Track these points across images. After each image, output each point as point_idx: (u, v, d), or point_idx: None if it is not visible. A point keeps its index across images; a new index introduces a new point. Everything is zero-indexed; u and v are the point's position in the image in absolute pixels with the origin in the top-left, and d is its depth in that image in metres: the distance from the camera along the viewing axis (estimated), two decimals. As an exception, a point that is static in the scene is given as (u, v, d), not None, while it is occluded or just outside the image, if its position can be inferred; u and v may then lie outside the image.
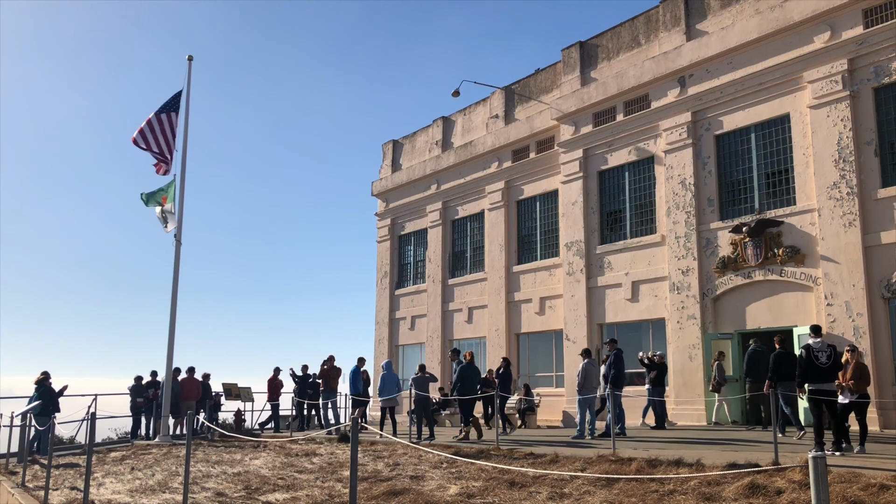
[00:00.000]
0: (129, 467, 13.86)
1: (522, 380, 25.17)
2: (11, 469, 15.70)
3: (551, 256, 25.31)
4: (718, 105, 20.31)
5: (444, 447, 14.04)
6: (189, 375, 21.54)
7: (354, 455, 6.26)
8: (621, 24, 23.63)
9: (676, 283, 20.65)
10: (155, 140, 18.97)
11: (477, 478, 10.48)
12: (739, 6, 20.25)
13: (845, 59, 17.67)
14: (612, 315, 22.57)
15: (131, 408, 21.47)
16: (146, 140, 18.91)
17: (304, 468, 12.55)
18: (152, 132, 18.97)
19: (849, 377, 11.99)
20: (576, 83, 24.55)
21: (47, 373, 18.15)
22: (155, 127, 19.05)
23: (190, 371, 21.62)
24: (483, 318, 27.62)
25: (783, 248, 18.44)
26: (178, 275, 19.41)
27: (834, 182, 17.61)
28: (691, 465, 10.41)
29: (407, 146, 33.20)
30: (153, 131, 18.99)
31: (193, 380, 21.60)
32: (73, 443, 20.67)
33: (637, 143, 22.36)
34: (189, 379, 21.46)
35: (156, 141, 18.98)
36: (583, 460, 11.40)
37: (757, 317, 19.06)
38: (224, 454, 15.08)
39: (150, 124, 18.98)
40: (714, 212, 20.13)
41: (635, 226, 22.39)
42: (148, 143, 18.91)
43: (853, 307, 16.99)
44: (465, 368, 16.89)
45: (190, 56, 20.40)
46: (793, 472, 8.83)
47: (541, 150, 25.98)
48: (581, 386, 16.42)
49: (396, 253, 32.91)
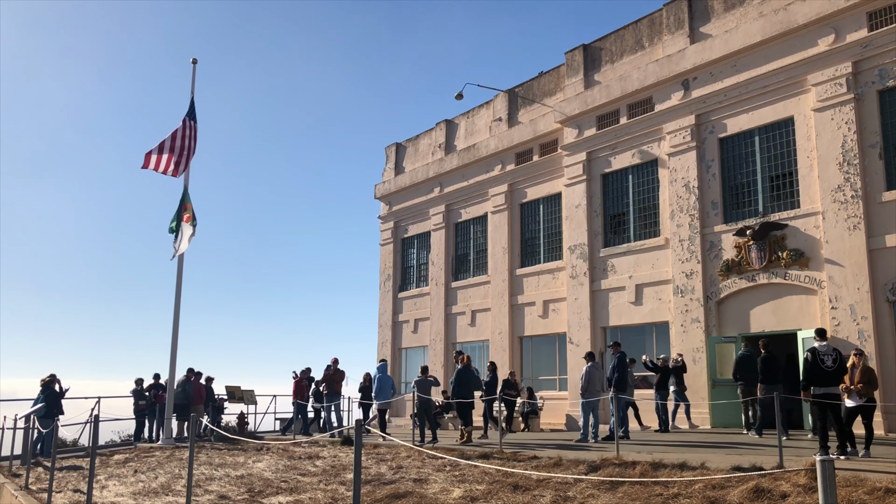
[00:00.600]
0: (133, 470, 13.85)
1: (526, 383, 25.14)
2: (15, 471, 15.72)
3: (555, 259, 25.28)
4: (722, 108, 20.29)
5: (447, 450, 14.02)
6: (195, 379, 21.60)
7: (358, 458, 6.24)
8: (625, 28, 23.62)
9: (680, 286, 20.61)
10: (172, 147, 19.00)
11: (480, 481, 10.45)
12: (743, 9, 20.24)
13: (849, 62, 17.64)
14: (616, 318, 22.53)
15: (134, 411, 21.50)
16: (161, 152, 18.93)
17: (308, 471, 12.54)
18: (172, 141, 19.03)
19: (857, 380, 11.93)
20: (579, 86, 24.54)
21: (54, 375, 18.14)
22: (177, 135, 19.12)
23: (194, 374, 21.68)
24: (486, 322, 27.59)
25: (787, 252, 18.40)
26: (181, 277, 19.42)
27: (838, 185, 17.57)
28: (695, 468, 10.37)
29: (410, 149, 33.21)
30: (173, 140, 19.05)
31: (198, 384, 21.61)
32: (76, 445, 20.67)
33: (641, 146, 22.34)
34: (194, 382, 21.48)
35: (173, 149, 19.01)
36: (587, 464, 11.36)
37: (761, 320, 19.01)
38: (227, 457, 15.07)
39: (173, 137, 19.05)
40: (718, 215, 20.09)
41: (639, 229, 22.36)
42: (160, 158, 18.91)
43: (858, 310, 16.94)
44: (461, 373, 17.03)
45: (194, 59, 20.44)
46: (798, 475, 8.79)
47: (544, 153, 25.97)
48: (584, 389, 16.39)
49: (399, 256, 32.91)
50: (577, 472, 10.74)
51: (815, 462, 3.75)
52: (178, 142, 19.09)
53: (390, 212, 33.27)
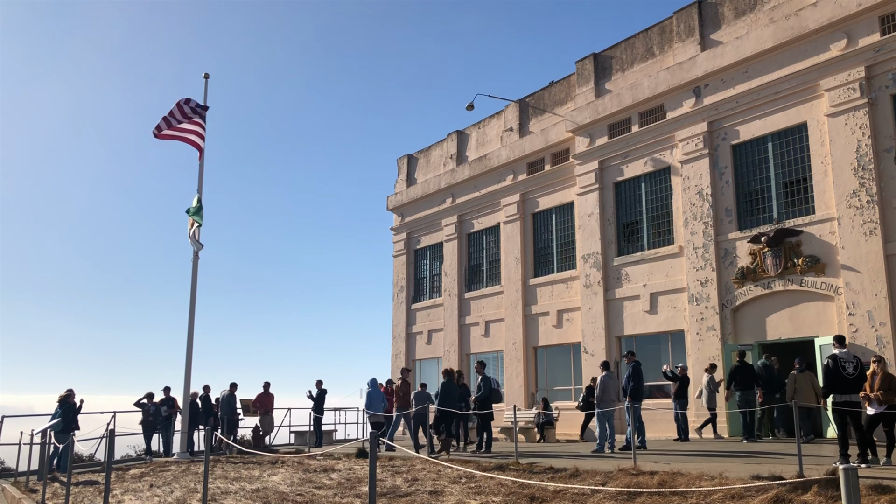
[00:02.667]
0: (148, 484, 13.85)
1: (541, 393, 25.02)
2: (32, 486, 15.76)
3: (568, 269, 25.19)
4: (734, 115, 20.20)
5: (463, 462, 13.94)
6: (205, 393, 21.66)
7: (373, 471, 6.21)
8: (635, 36, 23.60)
9: (695, 294, 20.47)
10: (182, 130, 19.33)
11: (497, 493, 10.37)
12: (754, 15, 20.17)
13: (862, 67, 17.53)
14: (631, 327, 22.39)
15: (143, 424, 21.44)
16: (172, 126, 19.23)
17: (323, 484, 12.49)
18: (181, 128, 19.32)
19: (877, 388, 11.77)
20: (590, 95, 24.52)
21: (72, 391, 18.20)
22: (185, 124, 19.40)
23: (206, 389, 21.77)
24: (500, 332, 27.50)
25: (803, 258, 18.25)
26: (195, 291, 19.47)
27: (853, 190, 17.43)
28: (714, 478, 10.24)
29: (422, 160, 33.26)
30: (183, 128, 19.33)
31: (266, 394, 22.19)
32: (92, 460, 20.72)
33: (653, 154, 22.26)
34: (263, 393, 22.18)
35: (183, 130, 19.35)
36: (603, 474, 11.26)
37: (778, 327, 18.85)
38: (242, 470, 15.04)
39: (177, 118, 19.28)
40: (732, 222, 19.97)
41: (652, 237, 22.26)
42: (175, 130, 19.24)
43: (876, 316, 16.75)
44: (445, 385, 17.23)
45: (206, 74, 20.56)
46: (818, 484, 8.65)
47: (556, 163, 25.93)
48: (600, 399, 16.30)
49: (412, 267, 32.91)
50: (594, 482, 10.64)
51: (836, 470, 3.68)
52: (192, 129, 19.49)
53: (403, 223, 33.30)
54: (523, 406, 25.04)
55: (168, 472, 15.57)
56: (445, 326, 29.97)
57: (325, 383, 22.26)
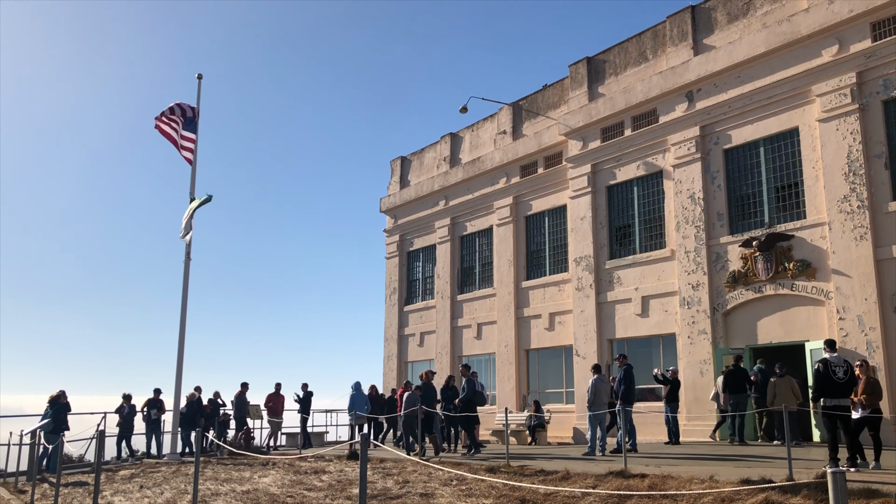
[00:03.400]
0: (138, 485, 13.81)
1: (532, 396, 25.04)
2: (21, 488, 15.68)
3: (560, 272, 25.23)
4: (727, 119, 20.28)
5: (454, 464, 13.94)
6: (198, 395, 21.60)
7: (363, 473, 6.21)
8: (628, 40, 23.67)
9: (686, 297, 20.53)
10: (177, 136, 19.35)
11: (487, 495, 10.38)
12: (746, 21, 20.26)
13: (854, 73, 17.62)
14: (622, 330, 22.44)
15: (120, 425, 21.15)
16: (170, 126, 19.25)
17: (314, 486, 12.47)
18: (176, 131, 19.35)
19: (860, 392, 11.86)
20: (583, 98, 24.58)
21: (63, 391, 18.14)
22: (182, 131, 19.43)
23: (198, 390, 21.69)
24: (492, 334, 27.52)
25: (794, 262, 18.33)
26: (186, 292, 19.42)
27: (844, 195, 17.51)
28: (704, 481, 10.28)
29: (415, 162, 33.28)
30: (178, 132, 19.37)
31: (278, 395, 22.30)
32: (81, 461, 20.61)
33: (645, 158, 22.33)
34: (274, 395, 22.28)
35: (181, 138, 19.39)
36: (594, 477, 11.28)
37: (769, 331, 18.92)
38: (233, 472, 15.01)
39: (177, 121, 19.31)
40: (724, 226, 20.04)
41: (644, 241, 22.31)
42: (173, 133, 19.25)
43: (866, 321, 16.83)
44: (423, 388, 17.55)
45: (199, 74, 20.53)
46: (808, 488, 8.69)
47: (549, 166, 25.98)
48: (591, 402, 16.33)
49: (405, 269, 32.90)
50: (585, 485, 10.66)
51: (825, 474, 3.71)
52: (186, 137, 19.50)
53: (396, 225, 33.29)
54: (515, 409, 25.06)
55: (158, 474, 15.52)
56: (438, 328, 29.97)
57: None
